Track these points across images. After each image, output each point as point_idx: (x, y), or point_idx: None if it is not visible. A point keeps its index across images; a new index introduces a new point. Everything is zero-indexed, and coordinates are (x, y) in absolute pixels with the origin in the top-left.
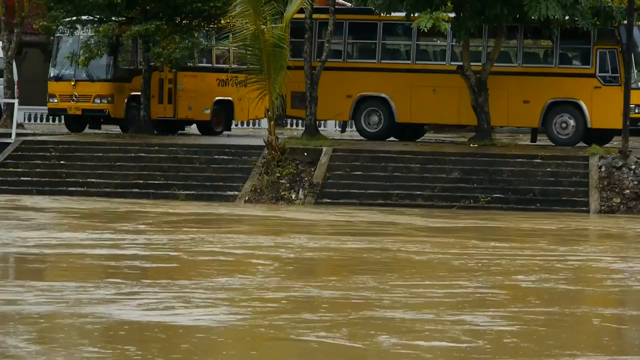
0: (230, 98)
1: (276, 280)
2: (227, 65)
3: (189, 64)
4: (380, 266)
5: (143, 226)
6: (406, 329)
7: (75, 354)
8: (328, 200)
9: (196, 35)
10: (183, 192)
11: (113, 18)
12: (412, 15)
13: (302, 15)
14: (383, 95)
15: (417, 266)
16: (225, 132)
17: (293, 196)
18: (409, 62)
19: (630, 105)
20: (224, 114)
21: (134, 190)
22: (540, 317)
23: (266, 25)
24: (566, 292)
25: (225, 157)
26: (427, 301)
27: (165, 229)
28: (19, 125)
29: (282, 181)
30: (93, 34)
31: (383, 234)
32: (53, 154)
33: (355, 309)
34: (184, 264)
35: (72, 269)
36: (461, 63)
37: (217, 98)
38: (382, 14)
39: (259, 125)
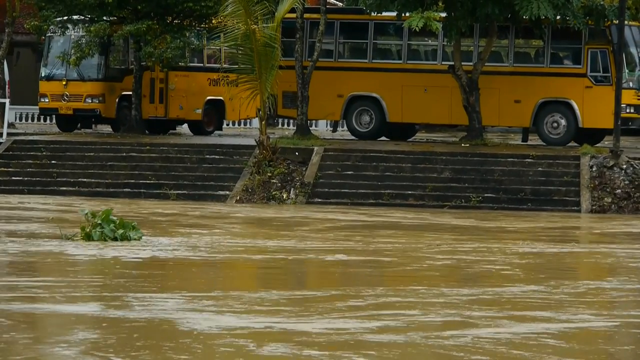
0: (221, 98)
1: None
2: (219, 65)
3: (180, 63)
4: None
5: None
6: None
7: None
8: (319, 200)
9: (187, 34)
10: (174, 192)
11: (104, 18)
12: (403, 14)
13: (294, 15)
14: (374, 94)
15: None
16: (217, 132)
17: (284, 196)
18: (400, 61)
19: (622, 105)
20: (215, 113)
21: (125, 189)
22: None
23: (257, 25)
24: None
25: (217, 156)
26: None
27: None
28: (10, 125)
29: (274, 181)
30: (84, 33)
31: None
32: (44, 153)
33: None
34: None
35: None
36: (452, 63)
37: (208, 98)
38: (373, 14)
39: (250, 124)
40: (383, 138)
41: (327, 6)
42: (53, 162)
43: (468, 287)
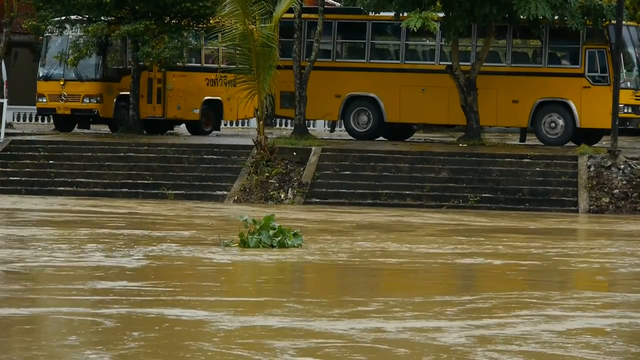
0: (219, 98)
1: None
2: (216, 65)
3: (178, 63)
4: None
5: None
6: None
7: None
8: (317, 200)
9: (185, 34)
10: (172, 192)
11: (102, 18)
12: (401, 14)
13: (291, 15)
14: (372, 95)
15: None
16: (214, 132)
17: (282, 196)
18: (398, 61)
19: (619, 105)
20: (213, 113)
21: (123, 190)
22: None
23: (255, 25)
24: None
25: (214, 156)
26: None
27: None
28: (8, 125)
29: (271, 181)
30: (82, 33)
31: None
32: (42, 153)
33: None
34: None
35: None
36: (450, 63)
37: (206, 98)
38: (371, 14)
39: (248, 124)
40: (381, 138)
41: (325, 6)
42: (51, 162)
43: None
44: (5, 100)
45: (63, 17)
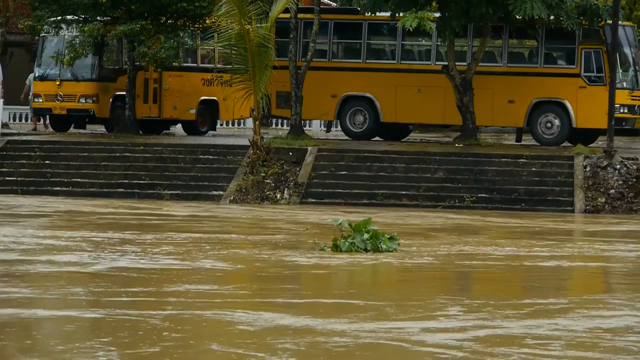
0: (215, 98)
1: None
2: (212, 65)
3: (174, 63)
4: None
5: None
6: None
7: None
8: (313, 200)
9: (181, 35)
10: (168, 192)
11: (98, 18)
12: (397, 14)
13: (287, 15)
14: (368, 95)
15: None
16: (211, 132)
17: (278, 196)
18: (394, 61)
19: (615, 105)
20: (209, 113)
21: (119, 190)
22: None
23: (251, 25)
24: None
25: (211, 156)
26: None
27: None
28: (4, 125)
29: (267, 181)
30: (78, 33)
31: None
32: (38, 153)
33: None
34: None
35: None
36: (446, 63)
37: (202, 98)
38: (367, 14)
39: (244, 125)
40: (377, 138)
41: (321, 6)
42: (47, 162)
43: None
44: (1, 101)
45: (59, 17)
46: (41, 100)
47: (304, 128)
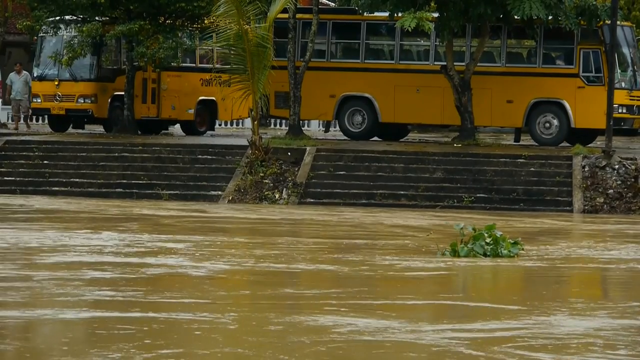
0: (213, 98)
1: None
2: (211, 65)
3: (172, 63)
4: None
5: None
6: None
7: None
8: (311, 200)
9: (180, 35)
10: (167, 192)
11: (96, 18)
12: (395, 14)
13: (286, 15)
14: (367, 95)
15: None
16: (209, 132)
17: (276, 196)
18: (393, 62)
19: (614, 105)
20: (207, 113)
21: (117, 190)
22: None
23: (250, 25)
24: None
25: (209, 156)
26: None
27: None
28: (2, 125)
29: (266, 181)
30: (76, 33)
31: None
32: (36, 153)
33: None
34: None
35: None
36: (445, 63)
37: (200, 98)
38: (365, 14)
39: (242, 125)
40: (375, 138)
41: (320, 6)
42: (45, 162)
43: None
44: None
45: (57, 17)
46: (40, 101)
47: (303, 128)
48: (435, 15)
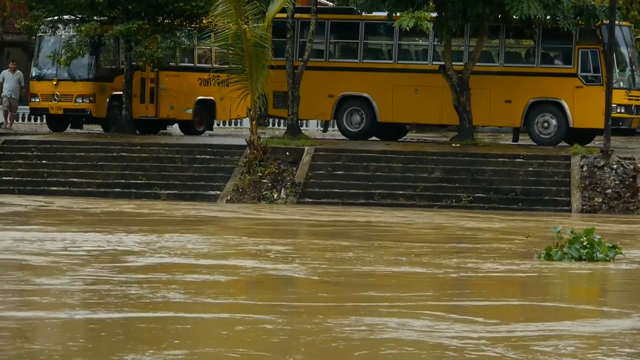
0: (212, 98)
1: None
2: (209, 65)
3: (170, 63)
4: None
5: None
6: None
7: None
8: (310, 200)
9: (178, 34)
10: (165, 192)
11: (95, 17)
12: (394, 14)
13: (284, 15)
14: (365, 94)
15: None
16: (207, 132)
17: (275, 196)
18: (391, 61)
19: (612, 105)
20: (205, 113)
21: (115, 190)
22: None
23: (248, 25)
24: None
25: (207, 156)
26: None
27: None
28: (1, 125)
29: (264, 181)
30: (75, 33)
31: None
32: (35, 153)
33: None
34: None
35: None
36: (443, 62)
37: (199, 97)
38: (364, 14)
39: (240, 124)
40: (374, 138)
41: (318, 6)
42: (43, 162)
43: None
44: None
45: (56, 17)
46: (38, 100)
47: (301, 128)
48: (434, 14)
